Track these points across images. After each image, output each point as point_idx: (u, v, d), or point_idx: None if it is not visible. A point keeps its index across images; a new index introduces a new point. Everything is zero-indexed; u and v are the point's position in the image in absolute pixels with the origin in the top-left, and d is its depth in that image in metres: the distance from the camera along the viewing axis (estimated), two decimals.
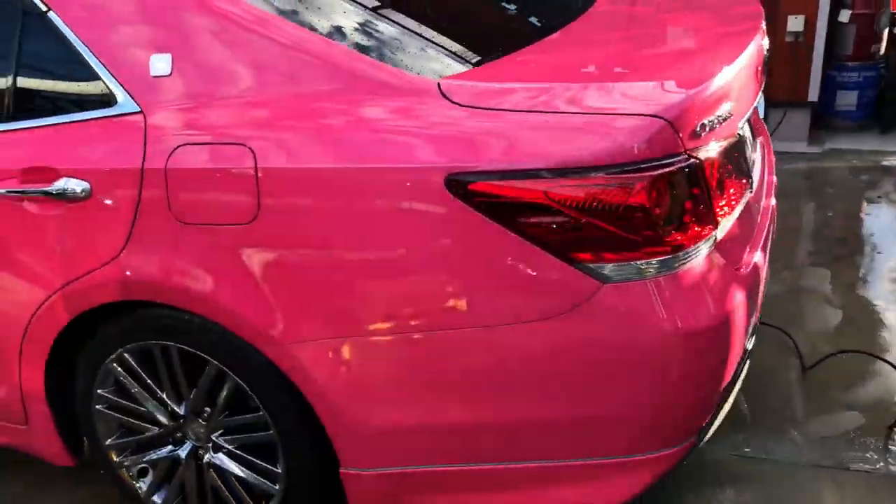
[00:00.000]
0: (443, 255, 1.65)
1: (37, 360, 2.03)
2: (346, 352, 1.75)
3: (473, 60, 1.83)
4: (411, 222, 1.64)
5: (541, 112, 1.60)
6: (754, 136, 2.33)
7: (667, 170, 1.57)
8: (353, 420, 1.79)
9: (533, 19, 2.23)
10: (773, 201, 2.26)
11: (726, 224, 1.77)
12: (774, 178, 2.39)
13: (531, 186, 1.56)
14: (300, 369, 1.78)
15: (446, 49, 1.85)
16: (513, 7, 2.29)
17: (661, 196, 1.58)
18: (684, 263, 1.63)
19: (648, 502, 2.18)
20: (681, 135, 1.58)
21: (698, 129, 1.62)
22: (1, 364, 2.08)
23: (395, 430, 1.79)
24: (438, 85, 1.67)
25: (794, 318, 3.08)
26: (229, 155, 1.70)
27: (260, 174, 1.67)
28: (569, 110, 1.60)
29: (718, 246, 1.73)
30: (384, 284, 1.69)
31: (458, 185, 1.57)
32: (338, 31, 1.80)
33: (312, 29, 1.77)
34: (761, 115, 2.54)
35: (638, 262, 1.60)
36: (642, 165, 1.55)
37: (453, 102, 1.64)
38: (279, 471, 1.95)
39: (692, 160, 1.61)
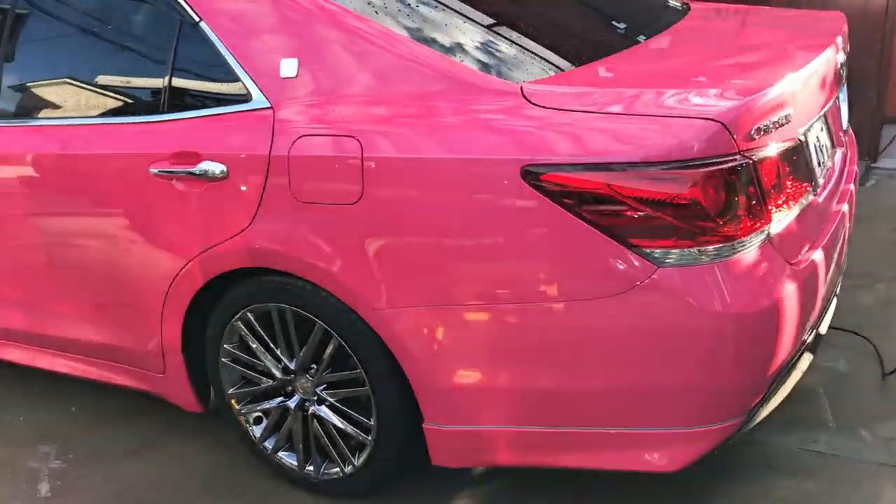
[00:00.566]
0: (519, 237, 1.88)
1: (176, 318, 2.39)
2: (433, 320, 2.01)
3: (557, 67, 2.07)
4: (492, 207, 1.88)
5: (607, 114, 1.82)
6: (833, 145, 2.44)
7: (720, 167, 1.75)
8: (437, 381, 2.05)
9: (618, 31, 2.44)
10: (845, 207, 2.37)
11: (781, 220, 1.92)
12: (851, 187, 2.49)
13: (595, 178, 1.78)
14: (394, 334, 2.05)
15: (533, 56, 2.09)
16: (602, 19, 2.51)
17: (714, 190, 1.76)
18: (735, 253, 1.81)
19: (708, 484, 2.34)
20: (735, 136, 1.76)
21: (753, 132, 1.79)
22: (147, 320, 2.46)
23: (474, 391, 2.04)
24: (521, 88, 1.91)
25: (883, 327, 3.12)
26: (340, 145, 2.00)
27: (365, 161, 1.96)
28: (633, 112, 1.81)
29: (773, 240, 1.89)
30: (468, 261, 1.94)
31: (532, 175, 1.81)
32: (438, 41, 2.07)
33: (416, 38, 2.05)
34: (844, 126, 2.64)
35: (692, 250, 1.79)
36: (697, 162, 1.74)
37: (532, 103, 1.88)
38: (372, 423, 2.23)
39: (745, 160, 1.78)
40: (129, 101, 2.43)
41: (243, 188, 2.14)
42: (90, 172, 2.40)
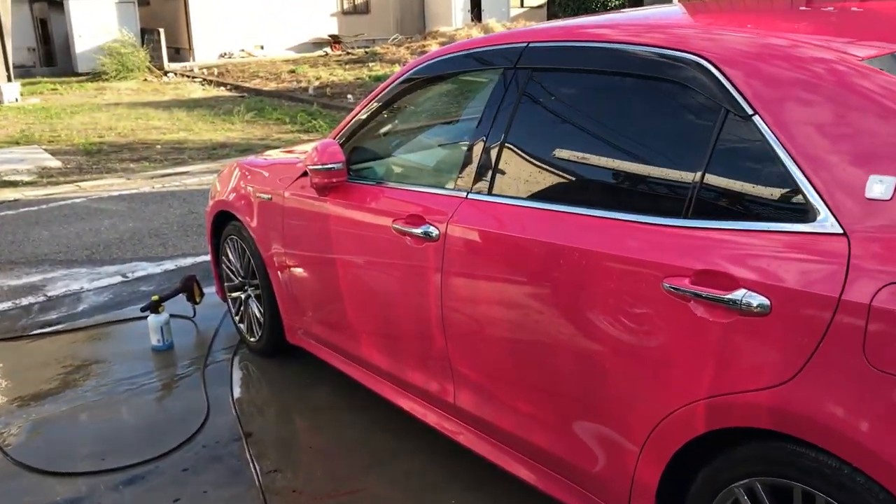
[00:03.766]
0: None
1: (658, 460, 1.98)
2: None
3: None
4: None
5: None
6: None
7: None
8: None
9: None
10: None
11: None
12: None
13: None
14: None
15: None
16: None
17: None
18: None
19: None
20: None
21: None
22: (619, 450, 2.09)
23: None
24: None
25: None
26: None
27: None
28: None
29: None
30: None
31: None
32: None
33: None
34: None
35: None
36: None
37: None
38: None
39: None
40: (642, 195, 2.08)
41: (790, 333, 1.66)
42: (583, 269, 2.09)
